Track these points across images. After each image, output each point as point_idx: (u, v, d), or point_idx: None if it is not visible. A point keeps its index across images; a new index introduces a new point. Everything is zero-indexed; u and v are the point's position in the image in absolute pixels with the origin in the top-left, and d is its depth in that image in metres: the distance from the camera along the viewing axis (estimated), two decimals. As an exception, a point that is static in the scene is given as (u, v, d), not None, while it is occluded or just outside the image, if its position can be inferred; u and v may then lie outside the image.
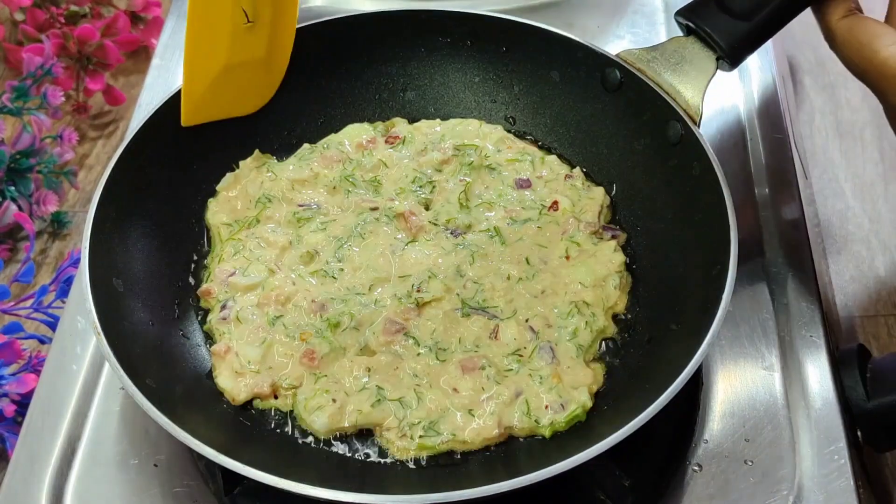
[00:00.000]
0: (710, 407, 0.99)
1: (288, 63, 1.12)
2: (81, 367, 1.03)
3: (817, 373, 1.00)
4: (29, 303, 1.18)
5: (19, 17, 1.49)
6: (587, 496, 0.92)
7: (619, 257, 1.04)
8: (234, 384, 0.95)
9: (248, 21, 1.05)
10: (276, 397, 0.96)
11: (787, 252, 1.10)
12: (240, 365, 0.96)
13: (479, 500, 0.80)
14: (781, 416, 0.98)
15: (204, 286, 1.03)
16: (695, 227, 1.00)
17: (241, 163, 1.12)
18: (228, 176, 1.11)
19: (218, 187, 1.10)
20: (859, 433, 0.96)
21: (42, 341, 1.15)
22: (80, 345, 1.05)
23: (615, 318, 1.01)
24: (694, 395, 0.99)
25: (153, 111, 1.06)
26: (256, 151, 1.13)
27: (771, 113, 1.25)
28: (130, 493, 0.94)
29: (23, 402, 1.07)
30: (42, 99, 1.34)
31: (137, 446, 0.97)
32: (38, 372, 1.07)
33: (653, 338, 0.98)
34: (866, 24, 0.97)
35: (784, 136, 1.22)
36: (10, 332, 1.13)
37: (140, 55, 1.52)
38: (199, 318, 1.03)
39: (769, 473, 0.94)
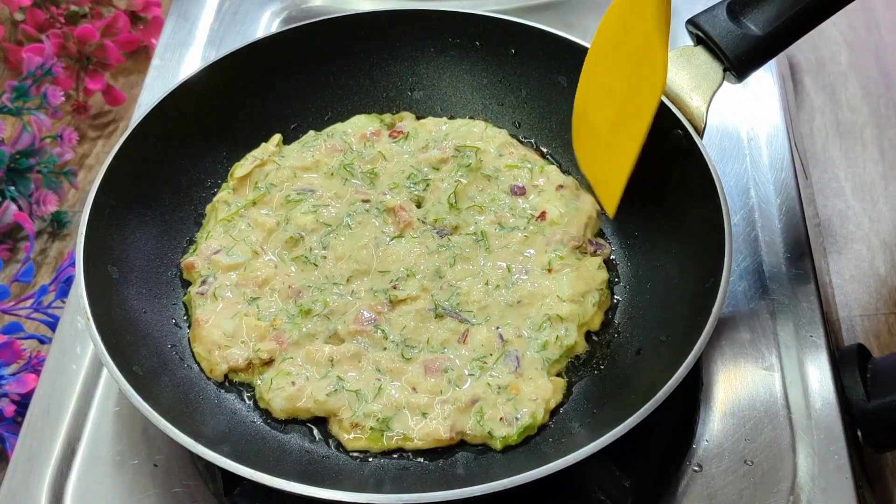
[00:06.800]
0: (711, 407, 0.99)
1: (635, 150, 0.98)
2: (81, 367, 1.03)
3: (817, 373, 1.00)
4: (29, 303, 1.18)
5: (19, 17, 1.49)
6: (587, 496, 0.92)
7: (603, 275, 1.03)
8: (210, 356, 0.97)
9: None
10: (249, 371, 0.97)
11: (786, 252, 1.10)
12: (218, 336, 0.97)
13: (477, 498, 0.81)
14: (781, 416, 0.98)
15: (188, 259, 1.04)
16: (692, 239, 1.00)
17: (263, 145, 1.13)
18: (247, 157, 1.12)
19: (232, 168, 1.11)
20: (859, 433, 0.96)
21: (42, 341, 1.15)
22: (80, 345, 1.05)
23: (587, 336, 1.01)
24: (694, 396, 0.99)
25: (157, 101, 1.06)
26: (278, 136, 1.13)
27: (771, 113, 1.25)
28: (130, 494, 0.94)
29: (23, 402, 1.07)
30: (42, 99, 1.34)
31: (137, 446, 0.97)
32: (38, 372, 1.07)
33: (642, 349, 0.98)
34: None
35: (784, 136, 1.22)
36: (10, 332, 1.13)
37: (140, 55, 1.51)
38: (184, 293, 1.04)
39: (769, 473, 0.94)
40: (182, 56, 1.37)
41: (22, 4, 1.48)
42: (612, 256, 1.07)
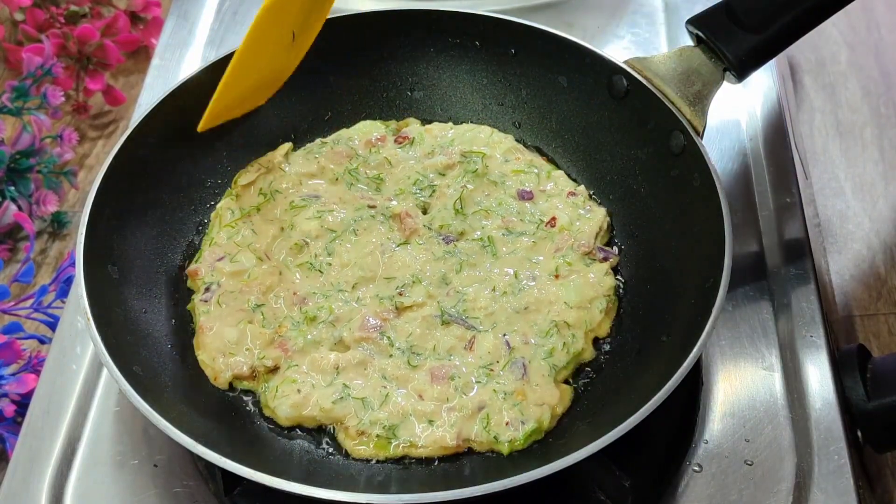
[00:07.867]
0: (710, 407, 0.99)
1: (302, 56, 1.12)
2: (81, 367, 1.03)
3: (817, 373, 1.00)
4: (29, 303, 1.18)
5: (19, 17, 1.49)
6: (587, 496, 0.92)
7: (610, 281, 1.03)
8: (214, 364, 0.96)
9: (293, 40, 1.05)
10: (253, 378, 0.97)
11: (787, 252, 1.10)
12: (222, 343, 0.97)
13: (479, 498, 0.81)
14: (781, 416, 0.98)
15: (192, 266, 1.04)
16: (692, 239, 0.99)
17: (269, 154, 1.12)
18: (253, 164, 1.11)
19: (237, 176, 1.11)
20: (859, 433, 0.96)
21: (42, 341, 1.15)
22: (80, 345, 1.05)
23: (595, 342, 1.00)
24: (694, 396, 0.99)
25: (157, 101, 1.06)
26: (288, 146, 1.13)
27: (771, 113, 1.25)
28: (130, 494, 0.94)
29: (23, 402, 1.07)
30: (42, 99, 1.34)
31: (137, 446, 0.97)
32: (38, 372, 1.07)
33: (643, 349, 0.98)
34: None
35: (784, 136, 1.22)
36: (10, 332, 1.13)
37: (140, 55, 1.52)
38: (184, 299, 1.03)
39: (769, 473, 0.94)
40: (182, 56, 1.37)
41: (22, 4, 1.48)
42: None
